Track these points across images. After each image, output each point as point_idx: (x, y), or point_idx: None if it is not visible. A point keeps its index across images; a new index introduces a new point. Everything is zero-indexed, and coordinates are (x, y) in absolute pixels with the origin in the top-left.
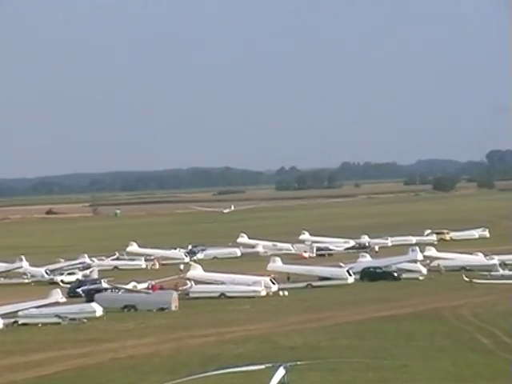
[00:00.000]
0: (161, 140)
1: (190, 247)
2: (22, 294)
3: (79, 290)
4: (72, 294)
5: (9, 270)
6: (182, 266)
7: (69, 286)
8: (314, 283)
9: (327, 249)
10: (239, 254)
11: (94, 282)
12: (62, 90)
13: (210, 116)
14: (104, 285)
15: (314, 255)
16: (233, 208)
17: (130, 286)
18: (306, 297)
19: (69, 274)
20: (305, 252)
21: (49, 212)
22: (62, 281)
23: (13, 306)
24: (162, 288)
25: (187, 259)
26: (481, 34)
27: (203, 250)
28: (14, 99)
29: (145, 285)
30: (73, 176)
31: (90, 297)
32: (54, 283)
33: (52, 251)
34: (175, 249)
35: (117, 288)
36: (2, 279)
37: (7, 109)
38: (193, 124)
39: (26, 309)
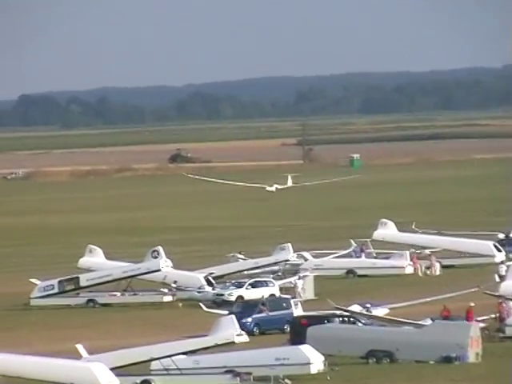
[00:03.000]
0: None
1: None
2: (159, 326)
3: (248, 321)
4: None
5: (131, 277)
6: (503, 269)
7: (227, 311)
8: None
9: None
10: None
11: (284, 303)
12: None
13: None
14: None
15: None
16: (290, 182)
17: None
18: None
19: (253, 284)
20: None
21: (175, 157)
22: (220, 300)
23: (139, 351)
24: (447, 316)
25: (501, 255)
26: None
27: None
28: None
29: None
30: (254, 83)
31: (297, 332)
32: (223, 303)
33: (215, 236)
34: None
35: (353, 316)
36: (118, 294)
37: None
38: None
39: (168, 356)
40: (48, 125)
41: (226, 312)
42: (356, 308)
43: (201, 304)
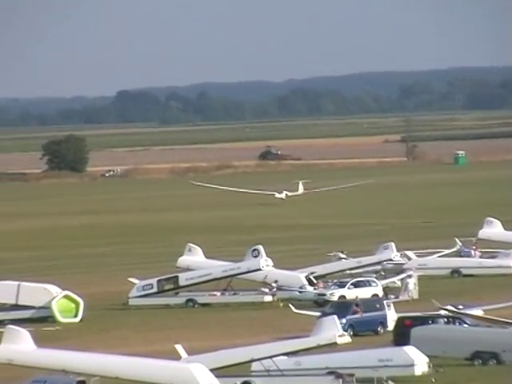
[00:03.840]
0: None
1: None
2: (259, 327)
3: (342, 322)
4: None
5: (231, 276)
6: None
7: (320, 312)
8: None
9: None
10: None
11: (377, 304)
12: None
13: None
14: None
15: None
16: (301, 189)
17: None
18: None
19: (355, 284)
20: None
21: (265, 154)
22: (322, 300)
23: (240, 352)
24: None
25: None
26: None
27: None
28: None
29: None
30: (356, 78)
31: (401, 333)
32: (324, 303)
33: (316, 235)
34: None
35: (459, 316)
36: (218, 294)
37: None
38: None
39: (269, 357)
40: (147, 121)
41: (318, 313)
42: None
43: (290, 305)
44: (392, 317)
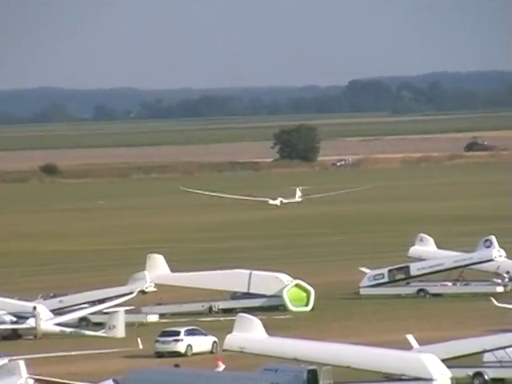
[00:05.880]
0: None
1: None
2: (490, 317)
3: None
4: None
5: (463, 266)
6: None
7: None
8: None
9: None
10: None
11: None
12: None
13: None
14: None
15: None
16: (299, 195)
17: None
18: None
19: None
20: None
21: (471, 145)
22: None
23: (471, 342)
24: None
25: None
26: None
27: None
28: None
29: None
30: None
31: None
32: None
33: None
34: None
35: None
36: (450, 284)
37: None
38: None
39: (502, 348)
40: (378, 111)
41: None
42: None
43: (492, 298)
44: None
